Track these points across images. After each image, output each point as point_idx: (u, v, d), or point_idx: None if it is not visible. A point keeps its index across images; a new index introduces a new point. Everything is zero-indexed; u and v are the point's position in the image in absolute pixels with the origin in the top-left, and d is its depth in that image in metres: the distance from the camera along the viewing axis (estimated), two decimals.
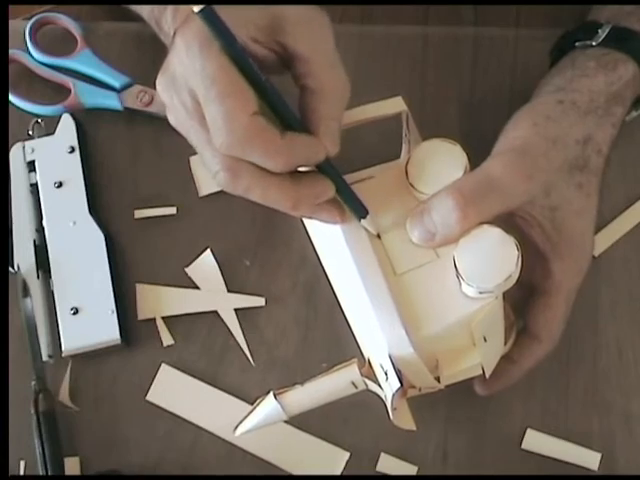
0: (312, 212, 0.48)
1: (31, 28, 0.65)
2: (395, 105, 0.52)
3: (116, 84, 0.64)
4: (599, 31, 0.55)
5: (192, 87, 0.44)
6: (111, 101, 0.63)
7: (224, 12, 0.43)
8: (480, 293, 0.46)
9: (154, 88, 0.62)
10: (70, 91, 0.64)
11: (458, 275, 0.46)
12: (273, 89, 0.45)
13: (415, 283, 0.48)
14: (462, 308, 0.47)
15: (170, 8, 0.55)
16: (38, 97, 0.64)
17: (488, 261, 0.46)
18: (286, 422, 0.56)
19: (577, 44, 0.56)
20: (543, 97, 0.54)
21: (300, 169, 0.47)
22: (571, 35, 0.57)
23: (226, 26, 0.43)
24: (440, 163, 0.50)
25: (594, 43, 0.55)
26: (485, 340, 0.48)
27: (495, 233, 0.47)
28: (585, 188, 0.51)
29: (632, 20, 0.56)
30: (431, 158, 0.50)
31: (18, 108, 0.63)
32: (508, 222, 0.49)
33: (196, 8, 0.42)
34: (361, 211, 0.49)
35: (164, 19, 0.56)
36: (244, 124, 0.43)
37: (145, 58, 0.64)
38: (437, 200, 0.48)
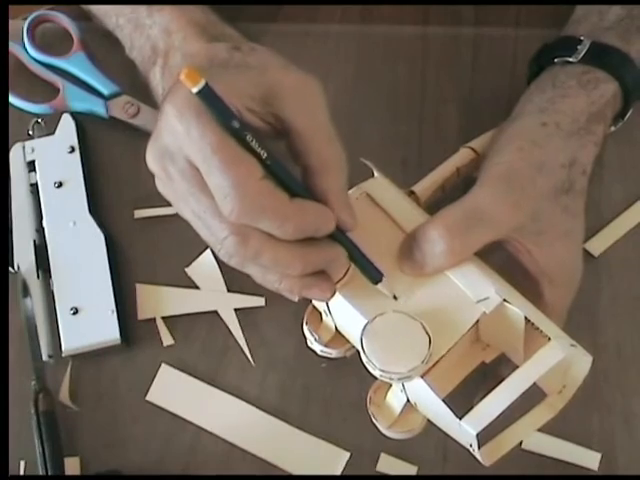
0: (307, 287, 0.46)
1: (30, 23, 0.65)
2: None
3: (105, 91, 0.64)
4: (578, 47, 0.55)
5: (188, 155, 0.43)
6: (97, 108, 0.63)
7: (218, 81, 0.41)
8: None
9: (142, 100, 0.63)
10: (59, 91, 0.64)
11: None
12: (275, 160, 0.43)
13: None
14: None
15: (159, 64, 0.54)
16: (25, 93, 0.64)
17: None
18: (286, 422, 0.57)
19: (556, 60, 0.55)
20: (526, 119, 0.53)
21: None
22: (550, 50, 0.56)
23: (224, 104, 0.41)
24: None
25: (574, 60, 0.54)
26: None
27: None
28: (571, 210, 0.51)
29: (611, 36, 0.55)
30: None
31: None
32: (495, 247, 0.49)
33: (195, 88, 0.40)
34: (376, 276, 0.48)
35: (152, 74, 0.55)
36: (254, 190, 0.42)
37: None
38: (422, 232, 0.47)
